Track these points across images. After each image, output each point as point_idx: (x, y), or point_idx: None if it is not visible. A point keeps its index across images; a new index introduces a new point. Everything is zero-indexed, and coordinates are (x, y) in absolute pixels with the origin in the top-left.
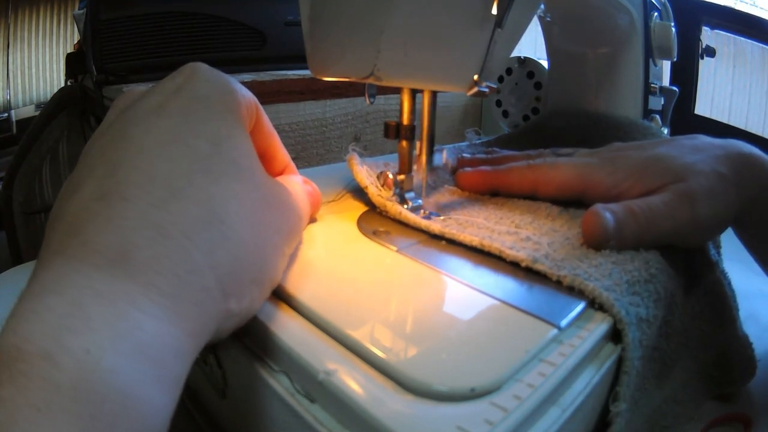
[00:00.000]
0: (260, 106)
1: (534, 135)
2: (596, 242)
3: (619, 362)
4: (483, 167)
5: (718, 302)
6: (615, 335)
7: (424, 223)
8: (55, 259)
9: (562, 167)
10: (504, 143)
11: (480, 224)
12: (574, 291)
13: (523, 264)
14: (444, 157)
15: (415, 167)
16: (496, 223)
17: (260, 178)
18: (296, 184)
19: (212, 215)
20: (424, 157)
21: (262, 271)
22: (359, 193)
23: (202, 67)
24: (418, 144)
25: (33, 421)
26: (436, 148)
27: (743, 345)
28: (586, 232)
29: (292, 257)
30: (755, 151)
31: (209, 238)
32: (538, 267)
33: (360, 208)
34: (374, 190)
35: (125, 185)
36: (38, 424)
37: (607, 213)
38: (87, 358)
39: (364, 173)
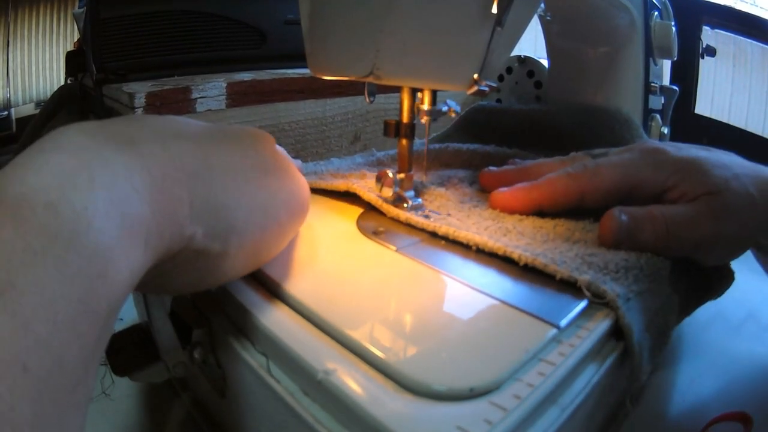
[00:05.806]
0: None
1: (478, 128)
2: (608, 244)
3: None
4: (520, 185)
5: None
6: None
7: (389, 208)
8: (71, 128)
9: (605, 170)
10: (443, 138)
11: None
12: (572, 289)
13: (471, 244)
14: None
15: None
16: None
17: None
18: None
19: (206, 162)
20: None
21: (241, 220)
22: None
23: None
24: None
25: (27, 263)
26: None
27: None
28: (600, 233)
29: (292, 256)
30: None
31: (196, 172)
32: (475, 239)
33: (360, 207)
34: (372, 196)
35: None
36: (31, 266)
37: (622, 216)
38: (84, 213)
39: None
